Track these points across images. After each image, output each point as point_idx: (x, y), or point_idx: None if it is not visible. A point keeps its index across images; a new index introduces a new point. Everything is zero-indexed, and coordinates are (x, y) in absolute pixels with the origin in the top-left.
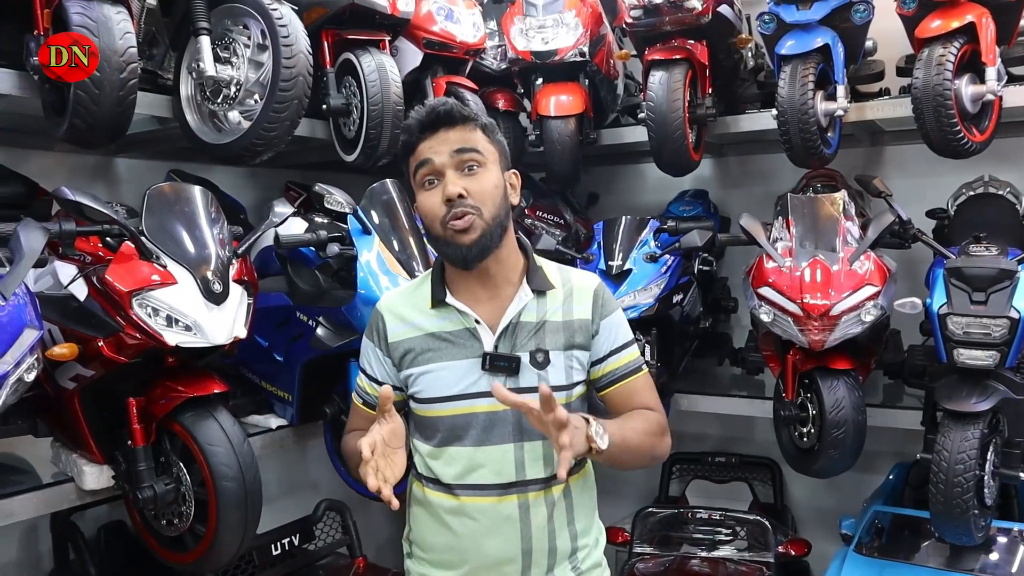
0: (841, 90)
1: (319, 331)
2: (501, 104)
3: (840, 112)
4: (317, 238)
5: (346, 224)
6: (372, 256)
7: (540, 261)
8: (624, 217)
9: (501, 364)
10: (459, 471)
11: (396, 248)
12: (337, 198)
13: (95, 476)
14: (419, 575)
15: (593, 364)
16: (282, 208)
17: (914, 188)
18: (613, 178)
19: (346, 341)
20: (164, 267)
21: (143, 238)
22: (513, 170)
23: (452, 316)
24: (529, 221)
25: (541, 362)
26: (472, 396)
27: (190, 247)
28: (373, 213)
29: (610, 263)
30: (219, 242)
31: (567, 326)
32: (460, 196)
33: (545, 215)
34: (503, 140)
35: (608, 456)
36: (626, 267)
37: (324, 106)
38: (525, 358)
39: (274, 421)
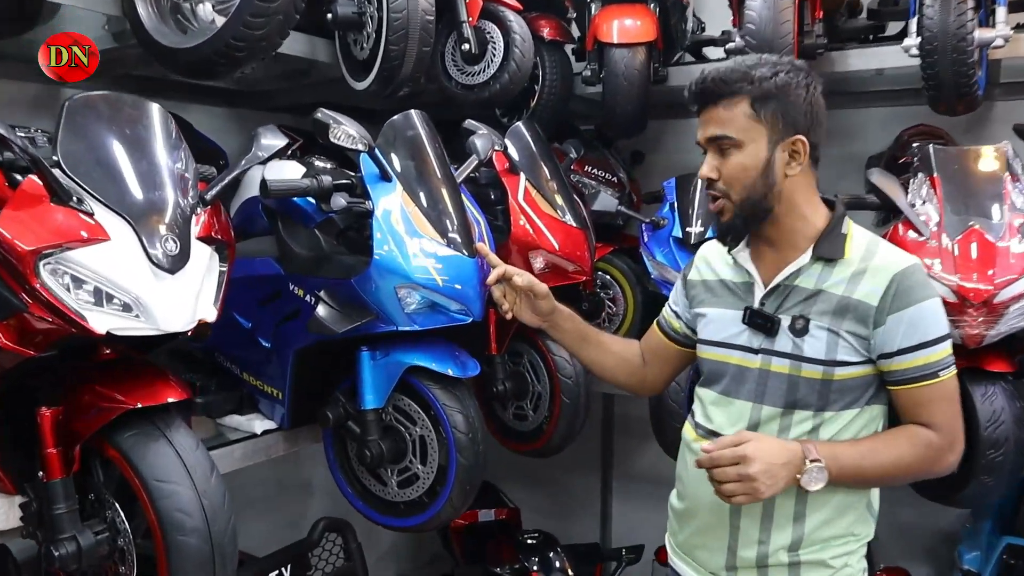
0: (1001, 13)
1: (319, 310)
2: (546, 32)
3: (1000, 42)
4: (318, 185)
5: (357, 170)
6: (393, 210)
7: (851, 230)
8: None
9: (759, 322)
10: (704, 412)
11: (425, 201)
12: (348, 130)
13: (2, 512)
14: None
15: (882, 356)
16: (271, 139)
17: None
18: (660, 134)
19: (355, 324)
20: (90, 214)
21: (58, 170)
22: (796, 137)
23: (740, 267)
24: (576, 177)
25: (799, 329)
26: (729, 346)
27: (132, 186)
28: (394, 155)
29: (687, 229)
30: (178, 181)
31: (842, 303)
32: (711, 180)
33: (595, 171)
34: (789, 103)
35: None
36: (708, 235)
37: (329, 15)
38: (785, 321)
39: (259, 424)
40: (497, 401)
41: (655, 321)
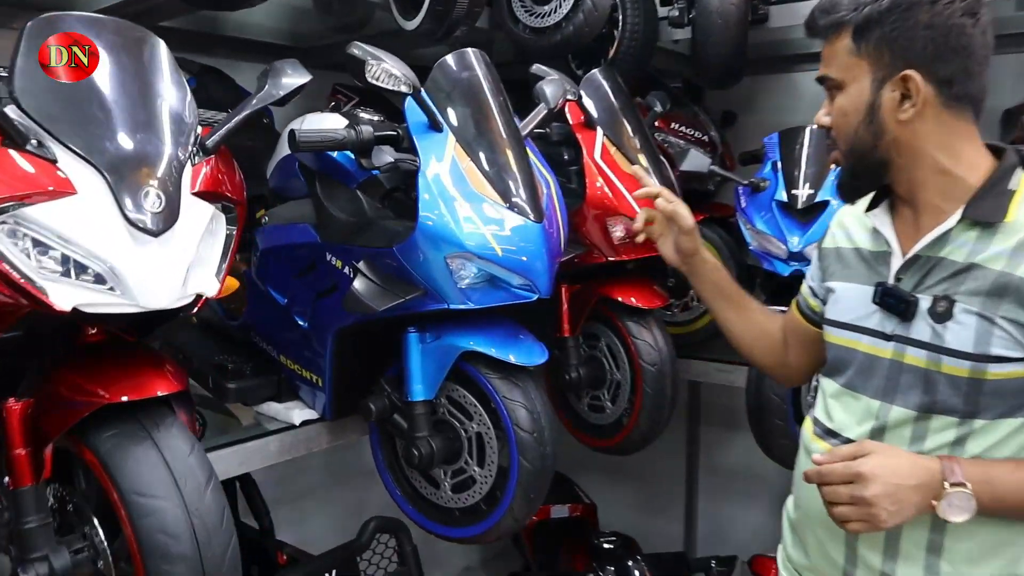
0: None
1: (357, 284)
2: None
3: None
4: (356, 137)
5: (404, 120)
6: (444, 167)
7: (1023, 186)
8: (810, 127)
9: (891, 302)
10: (824, 407)
11: (483, 156)
12: (388, 68)
13: None
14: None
15: None
16: (291, 75)
17: None
18: (756, 92)
19: (398, 302)
20: (52, 162)
21: (14, 107)
22: (904, 72)
23: (878, 233)
24: (661, 136)
25: (941, 313)
26: (857, 329)
27: (105, 128)
28: (446, 101)
29: (793, 192)
30: (167, 123)
31: (1000, 281)
32: (827, 128)
33: (683, 129)
34: (900, 29)
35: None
36: (818, 198)
37: None
38: (925, 303)
39: (298, 414)
40: (570, 390)
41: (794, 299)
